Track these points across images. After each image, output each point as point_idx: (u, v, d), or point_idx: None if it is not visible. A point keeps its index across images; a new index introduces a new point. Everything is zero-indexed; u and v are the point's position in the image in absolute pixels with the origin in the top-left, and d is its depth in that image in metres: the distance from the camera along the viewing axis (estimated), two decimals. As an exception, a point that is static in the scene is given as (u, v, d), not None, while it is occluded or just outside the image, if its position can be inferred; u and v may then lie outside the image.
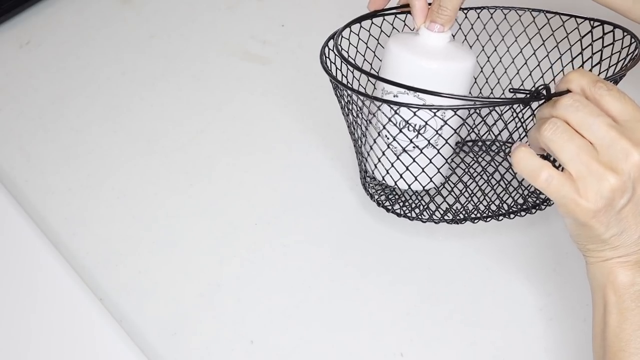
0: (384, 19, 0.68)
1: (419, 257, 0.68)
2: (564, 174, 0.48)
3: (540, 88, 0.51)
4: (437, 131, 0.58)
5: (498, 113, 0.59)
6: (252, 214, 0.71)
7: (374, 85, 0.69)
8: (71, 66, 0.85)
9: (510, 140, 0.73)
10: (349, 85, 0.58)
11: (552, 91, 0.51)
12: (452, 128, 0.59)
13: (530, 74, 0.72)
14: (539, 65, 0.71)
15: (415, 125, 0.59)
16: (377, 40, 0.70)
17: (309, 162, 0.75)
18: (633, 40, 0.61)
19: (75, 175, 0.75)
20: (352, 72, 0.65)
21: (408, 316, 0.64)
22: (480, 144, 0.74)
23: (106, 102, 0.82)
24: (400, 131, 0.59)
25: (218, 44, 0.87)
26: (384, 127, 0.60)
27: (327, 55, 0.62)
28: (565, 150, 0.48)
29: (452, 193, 0.68)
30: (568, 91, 0.50)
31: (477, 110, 0.57)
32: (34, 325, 0.63)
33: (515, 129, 0.68)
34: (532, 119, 0.66)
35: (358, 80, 0.69)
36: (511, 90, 0.52)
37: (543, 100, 0.51)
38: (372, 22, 0.67)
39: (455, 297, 0.65)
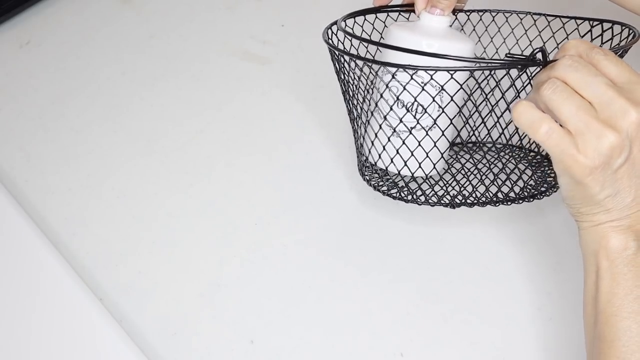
0: (387, 15, 0.69)
1: (418, 257, 0.68)
2: (564, 129, 0.48)
3: (536, 52, 0.51)
4: (433, 98, 0.58)
5: (495, 79, 0.59)
6: (252, 214, 0.71)
7: (375, 73, 0.70)
8: (71, 66, 0.85)
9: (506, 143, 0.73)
10: (347, 51, 0.58)
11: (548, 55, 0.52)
12: (449, 95, 0.58)
13: (531, 76, 0.72)
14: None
15: (412, 98, 0.59)
16: (380, 34, 0.70)
17: (309, 162, 0.75)
18: (631, 31, 0.61)
19: (75, 175, 0.75)
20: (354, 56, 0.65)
21: (408, 316, 0.64)
22: (480, 144, 0.74)
23: (106, 102, 0.82)
24: (397, 98, 0.59)
25: (218, 44, 0.87)
26: (381, 96, 0.61)
27: (329, 37, 0.62)
28: (564, 108, 0.48)
29: (449, 177, 0.67)
30: None
31: (474, 74, 0.57)
32: (34, 325, 0.63)
33: (512, 99, 0.68)
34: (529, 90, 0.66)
35: (360, 70, 0.69)
36: (508, 54, 0.52)
37: (540, 67, 0.51)
38: (377, 17, 0.67)
39: (455, 296, 0.65)
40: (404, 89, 0.59)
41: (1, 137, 0.79)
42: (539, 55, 0.51)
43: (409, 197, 0.65)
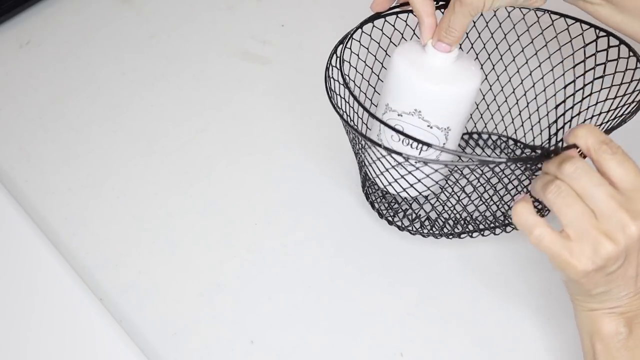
0: (385, 20, 0.67)
1: (419, 257, 0.68)
2: (559, 233, 0.50)
3: (546, 153, 0.51)
4: (436, 170, 0.60)
5: (498, 174, 0.59)
6: (252, 214, 0.71)
7: (375, 88, 0.69)
8: (71, 66, 0.85)
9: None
10: (354, 126, 0.59)
11: (552, 145, 0.52)
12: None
13: (533, 85, 0.72)
14: (542, 78, 0.71)
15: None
16: (378, 43, 0.69)
17: (309, 162, 0.75)
18: (639, 64, 0.61)
19: (75, 175, 0.75)
20: (356, 83, 0.64)
21: (408, 316, 0.64)
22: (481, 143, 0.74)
23: (106, 102, 0.82)
24: (405, 161, 0.59)
25: (218, 44, 0.87)
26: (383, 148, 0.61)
27: (330, 73, 0.61)
28: (566, 214, 0.50)
29: (452, 209, 0.67)
30: (574, 145, 0.51)
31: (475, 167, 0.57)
32: (34, 325, 0.63)
33: (515, 188, 0.69)
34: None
35: (364, 92, 0.68)
36: (511, 157, 0.53)
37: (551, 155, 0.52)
38: (374, 25, 0.66)
39: (454, 297, 0.65)
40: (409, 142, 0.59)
41: (1, 137, 0.78)
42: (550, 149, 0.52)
43: (413, 229, 0.67)
